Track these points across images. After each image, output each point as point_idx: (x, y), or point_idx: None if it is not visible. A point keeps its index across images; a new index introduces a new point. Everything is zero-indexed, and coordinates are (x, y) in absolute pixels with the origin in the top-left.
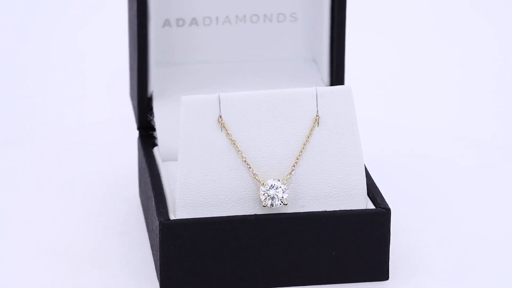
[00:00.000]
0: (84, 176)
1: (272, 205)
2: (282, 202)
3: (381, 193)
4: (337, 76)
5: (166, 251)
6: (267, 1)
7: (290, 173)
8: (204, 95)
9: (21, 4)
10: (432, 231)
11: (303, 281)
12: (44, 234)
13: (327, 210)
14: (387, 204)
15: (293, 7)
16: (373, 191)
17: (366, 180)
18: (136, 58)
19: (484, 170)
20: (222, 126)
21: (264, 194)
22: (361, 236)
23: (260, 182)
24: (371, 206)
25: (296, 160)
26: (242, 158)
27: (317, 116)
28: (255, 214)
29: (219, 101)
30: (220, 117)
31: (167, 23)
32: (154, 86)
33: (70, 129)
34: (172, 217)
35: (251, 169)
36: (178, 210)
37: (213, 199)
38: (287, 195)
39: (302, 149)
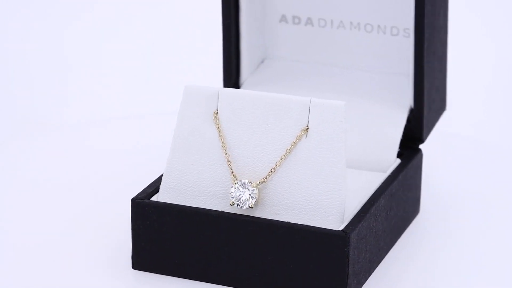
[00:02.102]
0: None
1: (238, 205)
2: (248, 205)
3: (367, 215)
4: (419, 98)
5: (136, 229)
6: (383, 12)
7: (266, 178)
8: (206, 86)
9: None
10: None
11: (258, 287)
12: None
13: (297, 222)
14: (354, 228)
15: (407, 23)
16: (361, 213)
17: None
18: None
19: None
20: (216, 120)
21: (232, 193)
22: (318, 255)
23: (233, 181)
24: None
25: (276, 167)
26: (226, 154)
27: (307, 127)
28: (220, 211)
29: (218, 96)
30: (216, 112)
31: (283, 18)
32: (248, 75)
33: (69, 128)
34: (154, 198)
35: (230, 166)
36: (161, 193)
37: (194, 189)
38: (254, 199)
39: (284, 157)
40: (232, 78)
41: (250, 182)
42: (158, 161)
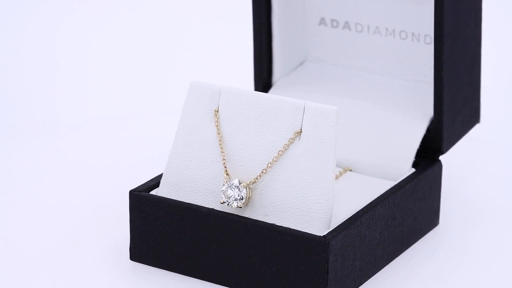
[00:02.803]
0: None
1: (228, 204)
2: (237, 205)
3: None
4: (439, 108)
5: (133, 221)
6: (417, 20)
7: (257, 179)
8: (210, 84)
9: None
10: None
11: (242, 287)
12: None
13: (284, 224)
14: (337, 235)
15: None
16: (350, 220)
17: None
18: None
19: None
20: (216, 118)
21: (222, 191)
22: (299, 259)
23: (225, 179)
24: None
25: (267, 168)
26: (222, 152)
27: (300, 130)
28: (211, 209)
29: (220, 94)
30: (217, 110)
31: (322, 21)
32: (281, 76)
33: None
34: (154, 192)
35: (225, 164)
36: (161, 187)
37: (191, 185)
38: (243, 200)
39: (275, 159)
40: (263, 77)
41: (240, 182)
42: (163, 158)
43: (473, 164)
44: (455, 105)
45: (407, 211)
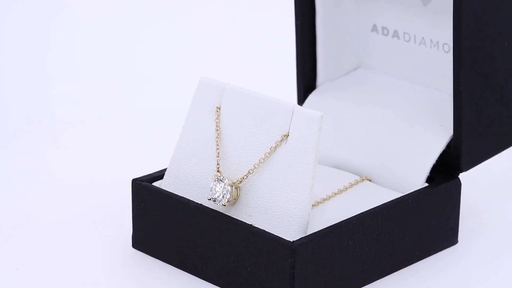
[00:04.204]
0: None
1: (214, 201)
2: (222, 203)
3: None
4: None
5: (135, 209)
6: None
7: (243, 178)
8: (218, 80)
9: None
10: None
11: (222, 284)
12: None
13: (265, 226)
14: (308, 242)
15: None
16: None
17: None
18: None
19: None
20: (217, 115)
21: (211, 188)
22: (270, 262)
23: (215, 176)
24: None
25: (253, 168)
26: (217, 149)
27: (287, 133)
28: (199, 204)
29: (224, 91)
30: (219, 107)
31: (374, 28)
32: (327, 79)
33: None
34: (158, 183)
35: (218, 162)
36: (164, 179)
37: (190, 179)
38: (227, 198)
39: (262, 160)
40: (305, 80)
41: (227, 180)
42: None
43: (498, 184)
44: (479, 122)
45: (410, 226)
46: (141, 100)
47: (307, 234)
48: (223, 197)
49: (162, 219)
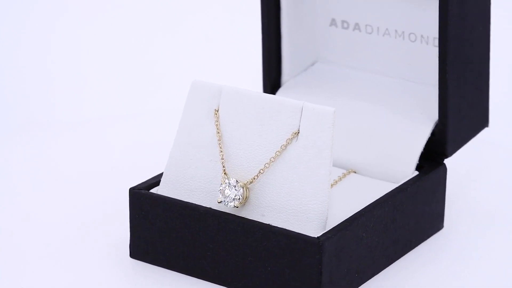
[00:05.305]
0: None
1: (225, 203)
2: (234, 205)
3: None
4: (443, 111)
5: (133, 218)
6: (427, 23)
7: (254, 179)
8: (212, 83)
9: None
10: None
11: (238, 286)
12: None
13: (281, 225)
14: (332, 236)
15: None
16: (346, 222)
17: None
18: None
19: None
20: (216, 117)
21: (220, 190)
22: (293, 260)
23: (223, 179)
24: None
25: (264, 168)
26: (221, 152)
27: (298, 131)
28: (208, 208)
29: (221, 93)
30: (217, 109)
31: (333, 22)
32: (291, 77)
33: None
34: (155, 190)
35: (223, 164)
36: (161, 186)
37: (191, 184)
38: (239, 200)
39: (273, 159)
40: (271, 78)
41: (238, 182)
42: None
43: (479, 168)
44: (461, 108)
45: (408, 214)
46: (140, 101)
47: (327, 229)
48: (236, 199)
49: (165, 226)
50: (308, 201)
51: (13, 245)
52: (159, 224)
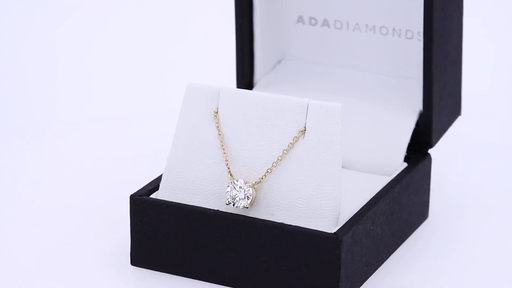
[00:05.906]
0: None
1: (233, 205)
2: (243, 205)
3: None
4: (428, 102)
5: (134, 226)
6: (398, 15)
7: (262, 178)
8: (208, 85)
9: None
10: None
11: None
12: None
13: (292, 223)
14: (347, 231)
15: (422, 27)
16: (356, 216)
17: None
18: None
19: None
20: (215, 119)
21: (227, 192)
22: (310, 257)
23: (229, 180)
24: None
25: (272, 167)
26: (224, 153)
27: (304, 128)
28: (216, 210)
29: (219, 95)
30: (216, 111)
31: (300, 19)
32: (262, 75)
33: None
34: (154, 195)
35: (228, 165)
36: (160, 191)
37: (193, 187)
38: (249, 200)
39: (281, 158)
40: (245, 77)
41: (246, 182)
42: (162, 160)
43: (456, 158)
44: (442, 98)
45: (403, 205)
46: (140, 101)
47: (340, 225)
48: (245, 198)
49: (171, 232)
50: (320, 197)
51: (11, 250)
52: (164, 229)
